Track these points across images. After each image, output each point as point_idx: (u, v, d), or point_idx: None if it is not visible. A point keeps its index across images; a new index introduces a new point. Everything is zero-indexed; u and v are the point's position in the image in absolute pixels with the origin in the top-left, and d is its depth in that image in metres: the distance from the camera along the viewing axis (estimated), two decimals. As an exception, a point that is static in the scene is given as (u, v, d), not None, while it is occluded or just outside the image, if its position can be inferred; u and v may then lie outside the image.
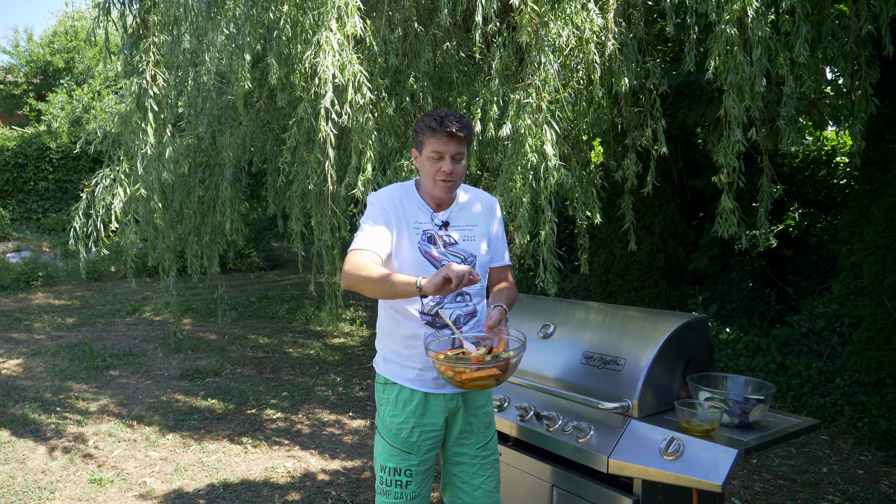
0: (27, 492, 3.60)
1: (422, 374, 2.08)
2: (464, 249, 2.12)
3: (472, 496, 2.16)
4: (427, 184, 2.08)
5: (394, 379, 2.11)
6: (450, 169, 2.03)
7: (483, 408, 2.18)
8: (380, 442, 2.14)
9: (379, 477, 2.12)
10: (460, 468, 2.17)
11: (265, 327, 8.14)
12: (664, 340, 2.19)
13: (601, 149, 6.92)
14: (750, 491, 3.70)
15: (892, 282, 4.51)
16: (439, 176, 2.03)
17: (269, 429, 4.64)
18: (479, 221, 2.18)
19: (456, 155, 2.04)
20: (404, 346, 2.09)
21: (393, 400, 2.11)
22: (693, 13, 3.44)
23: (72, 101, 15.26)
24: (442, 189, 2.06)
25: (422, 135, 2.06)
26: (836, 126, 4.61)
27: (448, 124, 1.99)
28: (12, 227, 12.72)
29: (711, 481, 1.84)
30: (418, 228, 2.09)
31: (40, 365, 6.18)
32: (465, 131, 2.03)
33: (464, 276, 1.76)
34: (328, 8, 3.11)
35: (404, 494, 2.08)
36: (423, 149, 2.06)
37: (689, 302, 6.61)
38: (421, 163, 2.09)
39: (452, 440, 2.16)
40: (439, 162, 2.03)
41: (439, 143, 2.01)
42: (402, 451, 2.09)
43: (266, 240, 13.83)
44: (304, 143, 4.16)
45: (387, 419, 2.11)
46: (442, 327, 2.07)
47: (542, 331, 2.56)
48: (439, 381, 2.07)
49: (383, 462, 2.11)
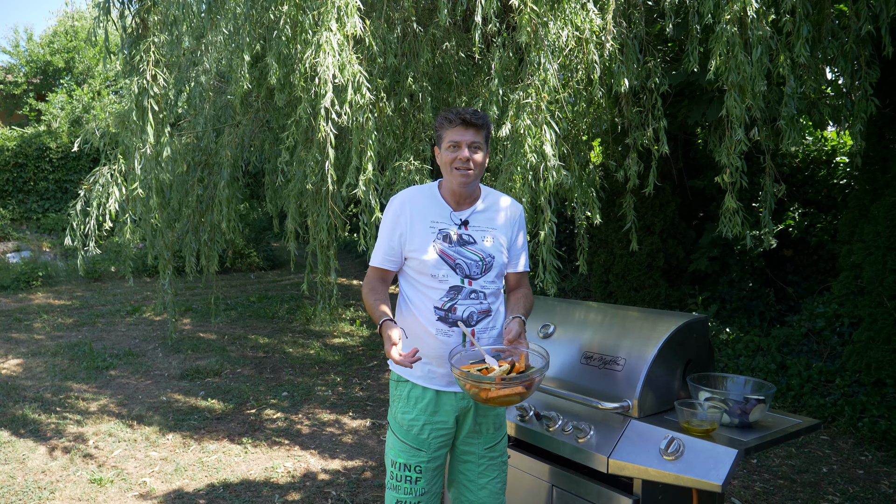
0: (27, 492, 3.60)
1: (433, 370, 2.09)
2: (482, 249, 2.12)
3: (477, 495, 2.17)
4: (446, 177, 2.12)
5: (406, 376, 2.12)
6: (466, 156, 2.05)
7: (494, 409, 2.19)
8: (391, 437, 2.16)
9: (389, 472, 2.14)
10: (467, 466, 2.18)
11: (265, 327, 8.14)
12: (664, 340, 2.19)
13: (601, 149, 6.92)
14: (750, 491, 3.70)
15: (892, 282, 4.51)
16: (456, 164, 2.06)
17: (269, 429, 4.64)
18: (501, 225, 2.18)
19: (472, 144, 2.06)
20: (417, 341, 2.09)
21: (405, 397, 2.12)
22: (694, 13, 3.44)
23: (72, 101, 15.26)
24: (458, 178, 2.06)
25: (440, 129, 2.11)
26: (837, 126, 4.61)
27: (463, 113, 2.06)
28: (12, 227, 12.71)
29: (711, 481, 1.84)
30: (434, 227, 2.11)
31: (40, 365, 6.18)
32: (481, 120, 2.08)
33: (391, 355, 1.88)
34: (328, 8, 3.11)
35: (413, 490, 2.09)
36: (442, 142, 2.10)
37: (689, 302, 6.60)
38: (441, 158, 2.12)
39: (461, 438, 2.17)
40: (456, 150, 2.06)
41: (455, 133, 2.06)
42: (412, 447, 2.10)
43: (266, 240, 13.83)
44: (303, 142, 4.16)
45: (398, 415, 2.13)
46: (454, 323, 2.07)
47: (541, 331, 2.56)
48: (450, 377, 2.07)
49: (394, 457, 2.12)
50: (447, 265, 2.07)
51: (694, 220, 7.11)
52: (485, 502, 2.17)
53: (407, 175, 4.07)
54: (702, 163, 6.78)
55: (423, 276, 2.09)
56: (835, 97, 4.32)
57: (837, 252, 5.40)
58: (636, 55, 3.78)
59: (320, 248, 4.36)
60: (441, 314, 2.07)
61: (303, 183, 4.14)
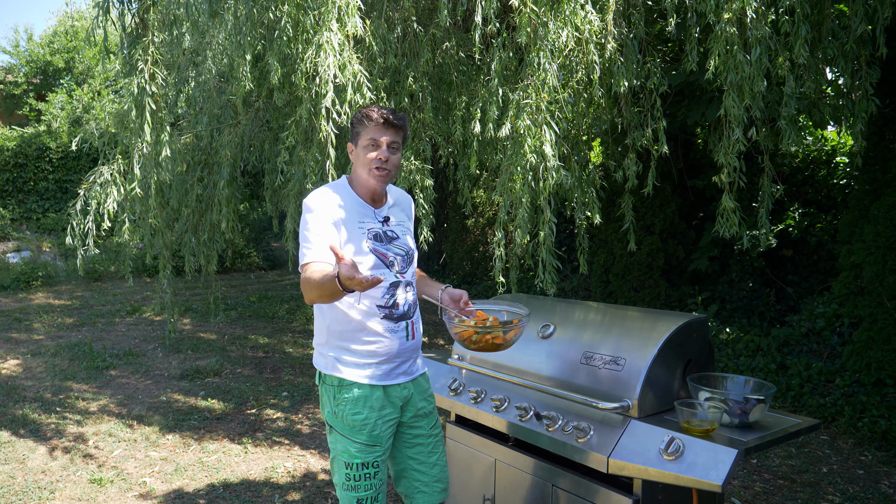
0: (27, 492, 3.60)
1: (379, 367, 2.13)
2: (404, 243, 2.20)
3: (430, 474, 2.26)
4: (362, 175, 2.11)
5: (351, 378, 2.12)
6: (386, 157, 2.07)
7: (428, 390, 2.31)
8: (340, 441, 2.14)
9: (344, 474, 2.13)
10: (416, 450, 2.26)
11: (265, 327, 8.14)
12: (664, 340, 2.19)
13: (601, 149, 6.93)
14: (750, 491, 3.70)
15: (892, 282, 4.51)
16: (375, 164, 2.07)
17: (269, 429, 4.64)
18: (407, 217, 2.30)
19: (392, 144, 2.09)
20: (361, 343, 2.11)
21: (352, 399, 2.11)
22: (693, 13, 3.44)
23: (72, 101, 15.25)
24: (377, 178, 2.09)
25: (358, 126, 2.10)
26: (837, 126, 4.61)
27: (384, 113, 2.07)
28: (12, 227, 12.71)
29: (711, 481, 1.84)
30: (363, 227, 2.11)
31: (40, 365, 6.18)
32: (401, 121, 2.10)
33: (363, 283, 1.71)
34: (328, 8, 3.11)
35: (373, 485, 2.13)
36: (360, 139, 2.10)
37: (689, 302, 6.61)
38: (357, 154, 2.12)
39: (408, 424, 2.24)
40: (375, 150, 2.07)
41: (375, 131, 2.06)
42: (367, 445, 2.12)
43: (266, 240, 13.83)
44: (303, 142, 4.16)
45: (348, 418, 2.12)
46: (399, 319, 2.14)
47: (541, 331, 2.56)
48: (395, 372, 2.16)
49: (348, 460, 2.12)
50: (383, 264, 2.11)
51: (694, 220, 7.11)
52: (438, 478, 2.27)
53: (407, 175, 4.07)
54: (702, 163, 6.78)
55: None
56: (835, 97, 4.32)
57: (837, 252, 5.40)
58: (636, 55, 3.78)
59: (320, 249, 4.35)
60: (385, 311, 2.12)
61: (302, 183, 4.14)
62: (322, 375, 2.19)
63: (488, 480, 2.60)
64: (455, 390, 2.68)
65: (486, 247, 10.72)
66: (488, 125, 3.38)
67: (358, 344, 2.11)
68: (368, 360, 2.12)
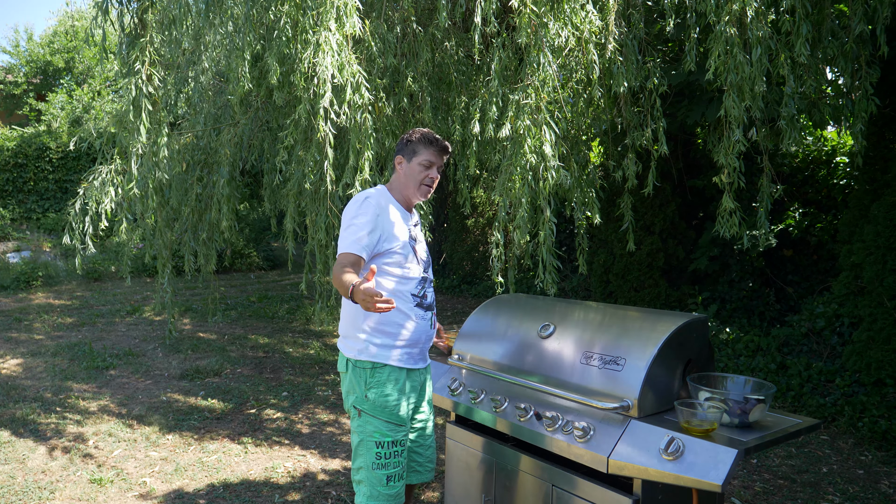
0: (27, 492, 3.60)
1: (407, 350, 2.36)
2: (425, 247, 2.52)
3: (425, 455, 2.55)
4: (409, 187, 2.41)
5: (384, 361, 2.33)
6: (436, 177, 2.41)
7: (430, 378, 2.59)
8: (372, 422, 2.32)
9: (374, 454, 2.31)
10: (419, 432, 2.52)
11: (265, 327, 8.14)
12: (664, 340, 2.19)
13: (600, 149, 6.92)
14: (750, 491, 3.70)
15: (892, 282, 4.51)
16: (426, 181, 2.40)
17: (269, 429, 4.64)
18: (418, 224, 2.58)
19: (440, 168, 2.42)
20: (396, 327, 2.33)
21: (384, 381, 2.32)
22: (693, 13, 3.44)
23: (72, 101, 15.26)
24: (424, 193, 2.42)
25: (417, 144, 2.40)
26: (837, 126, 4.61)
27: (444, 142, 2.42)
28: (12, 227, 12.71)
29: (711, 481, 1.84)
30: (408, 227, 2.41)
31: (40, 365, 6.18)
32: (449, 150, 2.46)
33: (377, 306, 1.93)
34: (327, 8, 3.11)
35: (400, 463, 2.34)
36: (416, 157, 2.39)
37: (689, 302, 6.60)
38: (409, 168, 2.40)
39: (419, 408, 2.50)
40: (429, 169, 2.39)
41: (433, 155, 2.39)
42: (396, 425, 2.33)
43: (266, 240, 13.83)
44: (302, 142, 4.16)
45: (379, 400, 2.31)
46: (427, 308, 2.41)
47: (541, 331, 2.56)
48: (418, 356, 2.41)
49: (379, 439, 2.31)
50: (420, 260, 2.43)
51: (694, 220, 7.11)
52: (431, 458, 2.57)
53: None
54: (702, 163, 6.78)
55: (402, 269, 2.35)
56: (835, 97, 4.32)
57: (837, 252, 5.40)
58: (635, 55, 3.78)
59: (318, 248, 4.36)
60: (417, 300, 2.39)
61: (301, 182, 4.14)
62: (352, 362, 2.36)
63: (488, 481, 2.60)
64: (455, 390, 2.68)
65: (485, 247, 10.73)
66: (488, 125, 3.38)
67: (394, 328, 2.33)
68: (400, 343, 2.34)
